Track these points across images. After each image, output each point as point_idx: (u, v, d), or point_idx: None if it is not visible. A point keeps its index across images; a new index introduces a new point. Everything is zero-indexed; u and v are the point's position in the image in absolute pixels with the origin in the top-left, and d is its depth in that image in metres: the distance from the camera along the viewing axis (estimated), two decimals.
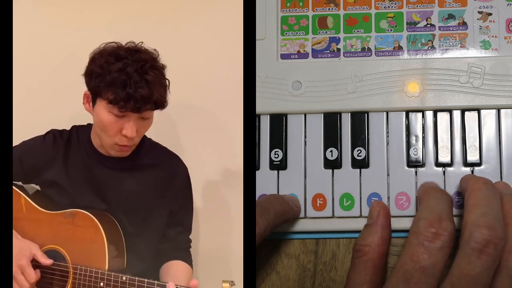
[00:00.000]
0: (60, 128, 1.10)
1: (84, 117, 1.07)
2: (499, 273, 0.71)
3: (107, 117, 0.96)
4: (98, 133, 1.01)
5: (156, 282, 0.91)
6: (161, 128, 1.14)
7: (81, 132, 1.08)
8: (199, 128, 1.26)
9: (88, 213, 0.99)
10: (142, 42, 1.00)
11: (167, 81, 1.00)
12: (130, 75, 0.93)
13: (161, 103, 0.97)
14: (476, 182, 0.76)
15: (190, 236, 1.13)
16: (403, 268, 0.71)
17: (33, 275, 0.98)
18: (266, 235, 0.79)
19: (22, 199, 1.06)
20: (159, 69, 0.98)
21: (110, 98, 0.94)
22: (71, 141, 1.07)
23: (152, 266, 1.08)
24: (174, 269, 1.06)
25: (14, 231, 1.02)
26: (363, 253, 0.77)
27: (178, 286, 0.88)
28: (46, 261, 0.99)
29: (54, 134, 1.07)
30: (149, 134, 1.10)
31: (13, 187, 1.07)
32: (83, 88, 1.01)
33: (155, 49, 1.00)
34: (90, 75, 0.97)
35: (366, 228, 0.80)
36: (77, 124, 1.10)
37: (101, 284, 0.95)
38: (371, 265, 0.76)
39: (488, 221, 0.70)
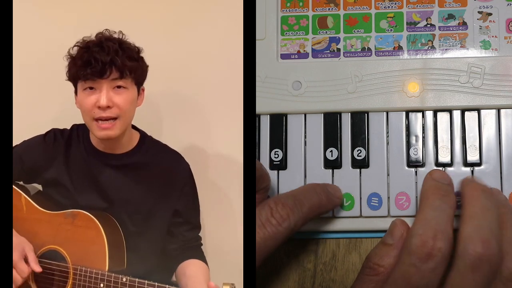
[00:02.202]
0: (58, 128, 1.10)
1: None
2: (495, 283, 0.70)
3: (82, 95, 0.99)
4: (83, 117, 1.02)
5: (156, 284, 0.91)
6: (160, 127, 1.14)
7: (81, 131, 1.08)
8: (199, 128, 1.26)
9: (89, 214, 0.99)
10: (121, 33, 1.03)
11: (137, 48, 1.03)
12: (88, 47, 0.98)
13: (127, 69, 0.98)
14: (474, 190, 0.73)
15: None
16: (394, 284, 0.70)
17: (26, 269, 0.97)
18: (296, 230, 0.76)
19: (23, 199, 1.06)
20: (120, 41, 1.01)
21: (73, 72, 0.99)
22: (71, 140, 1.07)
23: (156, 266, 1.07)
24: (190, 270, 1.04)
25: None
26: (376, 273, 0.73)
27: None
28: (36, 267, 0.98)
29: (54, 133, 1.07)
30: (148, 133, 1.10)
31: (14, 186, 1.07)
32: None
33: (120, 31, 1.03)
34: (67, 68, 1.02)
35: (385, 247, 0.75)
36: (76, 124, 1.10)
37: (101, 285, 0.94)
38: (381, 285, 0.73)
39: (483, 236, 0.68)
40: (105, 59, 0.96)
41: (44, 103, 1.29)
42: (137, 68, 1.01)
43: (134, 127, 1.08)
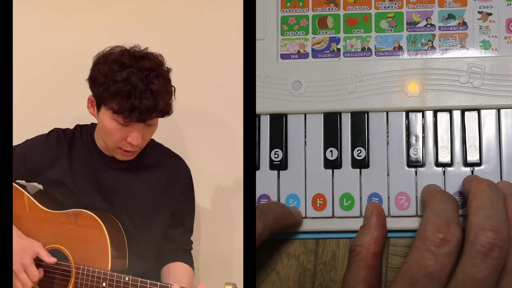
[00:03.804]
0: (61, 128, 1.10)
1: (86, 117, 1.07)
2: (505, 276, 0.71)
3: (112, 125, 0.95)
4: (103, 137, 1.01)
5: (158, 283, 0.91)
6: (161, 128, 1.14)
7: (85, 132, 1.08)
8: (199, 128, 1.26)
9: (92, 214, 0.99)
10: (147, 48, 0.98)
11: (173, 87, 0.99)
12: (134, 86, 0.91)
13: (166, 111, 0.96)
14: (480, 183, 0.76)
15: (192, 238, 1.13)
16: (408, 272, 0.71)
17: (36, 273, 0.98)
18: (264, 237, 0.79)
19: (26, 198, 1.06)
20: (165, 77, 0.96)
21: (114, 108, 0.92)
22: (74, 140, 1.07)
23: (154, 266, 1.08)
24: (176, 271, 1.06)
25: (17, 230, 1.02)
26: (356, 253, 0.78)
27: None
28: (50, 259, 0.99)
29: (57, 133, 1.07)
30: None
31: (17, 186, 1.07)
32: (85, 88, 1.01)
33: (160, 54, 0.98)
34: (94, 82, 0.95)
35: (360, 229, 0.81)
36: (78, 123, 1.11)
37: (104, 284, 0.95)
38: (364, 265, 0.77)
39: (493, 224, 0.70)
40: (154, 108, 0.92)
41: (44, 103, 1.30)
42: (172, 103, 0.98)
43: None
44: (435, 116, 0.88)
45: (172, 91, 0.98)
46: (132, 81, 0.91)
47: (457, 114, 0.88)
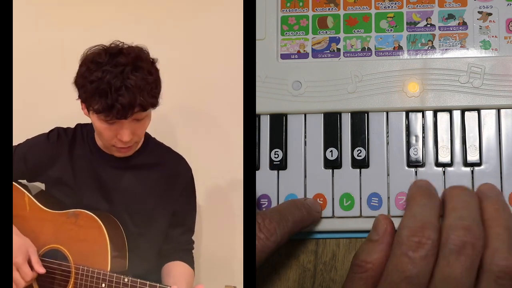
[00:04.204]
0: (62, 127, 1.10)
1: (86, 117, 1.07)
2: (484, 278, 0.71)
3: (100, 125, 0.96)
4: (97, 136, 1.02)
5: (158, 285, 0.91)
6: (161, 128, 1.14)
7: (86, 130, 1.08)
8: (198, 128, 1.26)
9: (91, 214, 0.99)
10: (133, 43, 0.98)
11: (157, 77, 0.97)
12: (110, 83, 0.91)
13: (148, 105, 0.94)
14: (455, 188, 0.77)
15: (193, 238, 1.13)
16: (388, 277, 0.72)
17: (29, 273, 0.98)
18: (282, 243, 0.79)
19: (26, 198, 1.06)
20: (144, 69, 0.94)
21: (94, 108, 0.93)
22: (75, 139, 1.07)
23: (155, 266, 1.08)
24: (175, 271, 1.06)
25: (15, 228, 1.02)
26: (365, 270, 0.75)
27: None
28: (40, 269, 0.99)
29: (58, 132, 1.07)
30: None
31: (17, 185, 1.07)
32: None
33: (142, 47, 0.97)
34: (76, 84, 0.96)
35: (371, 244, 0.77)
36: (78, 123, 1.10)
37: (103, 285, 0.95)
38: (371, 282, 0.74)
39: (465, 223, 0.71)
40: (131, 103, 0.91)
41: (44, 103, 1.30)
42: (157, 96, 0.97)
43: None
44: (435, 116, 0.88)
45: (157, 82, 0.97)
46: (107, 79, 0.91)
47: (457, 114, 0.88)
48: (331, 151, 0.89)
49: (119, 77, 0.91)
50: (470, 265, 0.70)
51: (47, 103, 1.29)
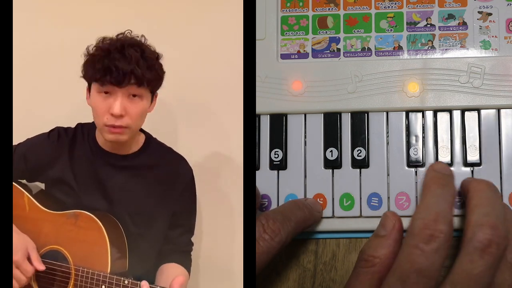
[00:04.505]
0: (62, 126, 1.10)
1: (87, 117, 1.07)
2: (500, 267, 0.72)
3: (96, 98, 0.98)
4: (94, 120, 1.02)
5: (158, 286, 0.91)
6: (161, 127, 1.14)
7: (86, 130, 1.08)
8: (198, 128, 1.26)
9: (91, 215, 0.99)
10: (143, 36, 1.02)
11: (159, 63, 1.01)
12: (109, 51, 0.96)
13: (145, 79, 0.96)
14: (479, 183, 0.77)
15: (192, 238, 1.13)
16: (399, 268, 0.72)
17: (30, 269, 0.98)
18: (286, 244, 0.79)
19: (26, 198, 1.06)
20: (143, 47, 0.99)
21: (90, 74, 0.97)
22: (76, 138, 1.07)
23: (154, 267, 1.08)
24: (168, 273, 1.05)
25: (14, 226, 1.02)
26: (372, 264, 0.75)
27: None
28: (39, 265, 0.99)
29: (58, 132, 1.07)
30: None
31: (17, 185, 1.07)
32: (84, 87, 1.01)
33: (142, 35, 1.02)
34: (83, 66, 1.00)
35: (378, 239, 0.77)
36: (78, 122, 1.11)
37: (103, 287, 0.94)
38: (377, 277, 0.74)
39: (491, 221, 0.70)
40: (126, 69, 0.94)
41: (44, 103, 1.30)
42: (155, 78, 1.00)
43: (140, 129, 1.08)
44: (435, 116, 0.88)
45: (156, 64, 1.00)
46: (108, 48, 0.96)
47: (457, 114, 0.88)
48: (331, 151, 0.89)
49: (119, 48, 0.96)
50: (493, 264, 0.70)
51: (47, 103, 1.29)
